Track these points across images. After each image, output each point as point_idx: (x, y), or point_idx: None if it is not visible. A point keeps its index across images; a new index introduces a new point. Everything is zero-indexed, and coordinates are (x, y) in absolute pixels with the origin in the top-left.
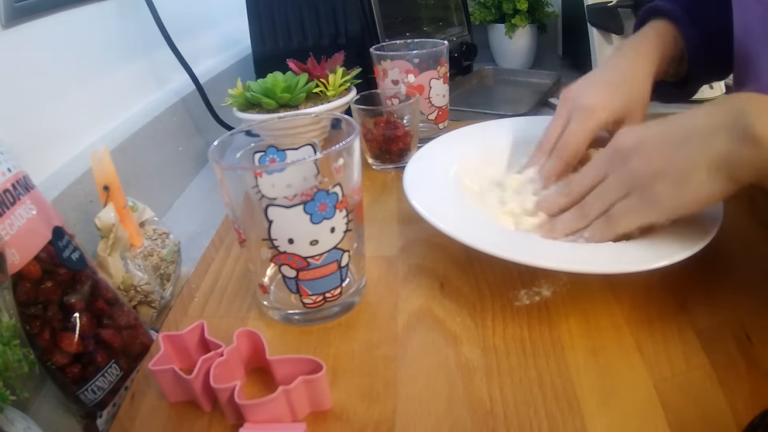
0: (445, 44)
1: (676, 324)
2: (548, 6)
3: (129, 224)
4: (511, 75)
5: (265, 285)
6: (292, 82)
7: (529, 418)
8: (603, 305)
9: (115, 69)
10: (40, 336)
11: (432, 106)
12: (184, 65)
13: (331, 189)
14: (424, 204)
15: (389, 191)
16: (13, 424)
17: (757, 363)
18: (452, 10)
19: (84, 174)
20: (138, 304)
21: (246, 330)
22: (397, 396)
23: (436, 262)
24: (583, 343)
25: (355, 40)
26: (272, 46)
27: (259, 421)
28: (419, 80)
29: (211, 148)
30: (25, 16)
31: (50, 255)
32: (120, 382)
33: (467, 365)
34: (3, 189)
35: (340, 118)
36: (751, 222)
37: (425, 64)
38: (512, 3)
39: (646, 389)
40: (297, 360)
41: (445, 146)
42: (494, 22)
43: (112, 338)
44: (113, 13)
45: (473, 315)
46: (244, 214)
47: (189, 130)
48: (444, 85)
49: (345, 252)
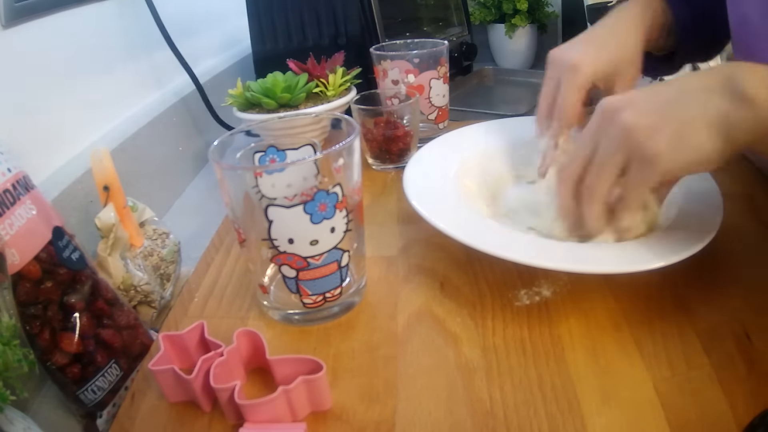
0: (445, 44)
1: (676, 324)
2: (548, 6)
3: (129, 224)
4: (511, 75)
5: (265, 285)
6: (292, 82)
7: (529, 418)
8: (603, 305)
9: (115, 69)
10: (40, 336)
11: (432, 106)
12: (184, 65)
13: (331, 189)
14: (424, 204)
15: (389, 191)
16: (13, 424)
17: (757, 363)
18: (452, 10)
19: (84, 174)
20: (138, 304)
21: (246, 330)
22: (397, 396)
23: (436, 262)
24: (583, 343)
25: (355, 40)
26: (272, 46)
27: (259, 421)
28: (419, 80)
29: (211, 148)
30: (25, 16)
31: (50, 255)
32: (120, 382)
33: (467, 365)
34: (3, 189)
35: (340, 118)
36: (751, 222)
37: (425, 64)
38: (512, 3)
39: (646, 389)
40: (297, 360)
41: (445, 146)
42: (494, 22)
43: (112, 338)
44: (113, 13)
45: (473, 315)
46: (244, 214)
47: (189, 130)
48: (444, 85)
49: (345, 252)
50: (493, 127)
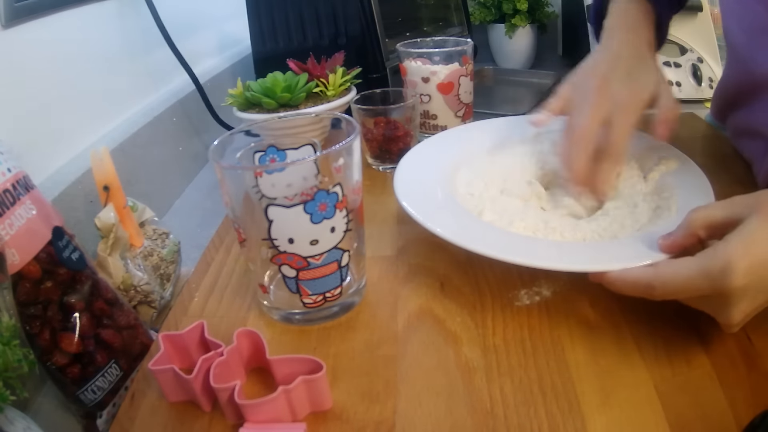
0: (469, 42)
1: (676, 324)
2: (548, 6)
3: (129, 224)
4: (511, 75)
5: (265, 285)
6: (292, 82)
7: (529, 418)
8: (603, 305)
9: (116, 69)
10: (40, 336)
11: (461, 103)
12: (184, 65)
13: (331, 189)
14: (417, 207)
15: (389, 191)
16: (13, 424)
17: (757, 363)
18: (452, 10)
19: (84, 174)
20: (138, 304)
21: (246, 330)
22: (397, 396)
23: (436, 262)
24: (583, 343)
25: (355, 40)
26: (272, 46)
27: (259, 421)
28: (449, 77)
29: (211, 147)
30: (25, 16)
31: (50, 255)
32: (120, 382)
33: (467, 365)
34: (3, 189)
35: (340, 118)
36: None
37: (453, 62)
38: (512, 3)
39: (646, 389)
40: (297, 360)
41: (436, 147)
42: (494, 22)
43: (112, 338)
44: (113, 13)
45: (473, 315)
46: (244, 213)
47: (189, 130)
48: (471, 83)
49: (345, 252)
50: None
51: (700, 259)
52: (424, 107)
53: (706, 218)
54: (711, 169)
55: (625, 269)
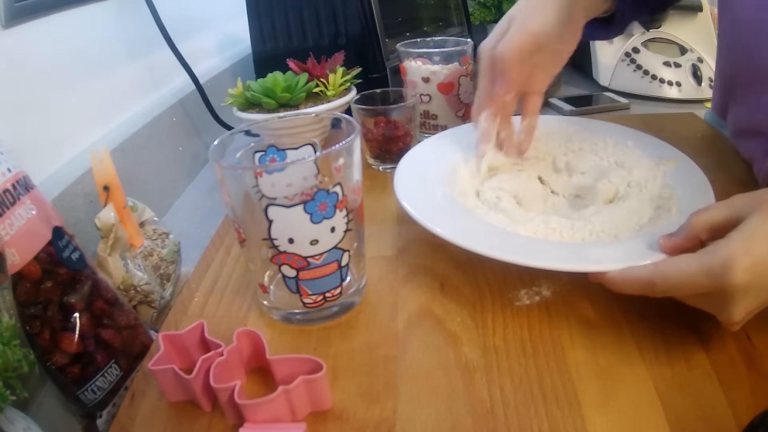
0: (469, 42)
1: (676, 324)
2: None
3: (129, 224)
4: None
5: (265, 285)
6: (292, 82)
7: (529, 418)
8: (603, 305)
9: (115, 69)
10: (40, 336)
11: (461, 103)
12: (184, 65)
13: (331, 189)
14: (417, 208)
15: (389, 191)
16: (13, 424)
17: (757, 363)
18: (452, 10)
19: (84, 174)
20: (138, 304)
21: (246, 330)
22: (397, 396)
23: (436, 262)
24: (583, 343)
25: (355, 40)
26: (272, 46)
27: (259, 421)
28: (450, 77)
29: (212, 147)
30: (25, 16)
31: (50, 255)
32: (120, 382)
33: (467, 365)
34: (3, 189)
35: (340, 118)
36: None
37: (453, 62)
38: (512, 3)
39: (646, 389)
40: (297, 360)
41: (436, 147)
42: (494, 22)
43: (112, 338)
44: (113, 13)
45: (473, 315)
46: (244, 213)
47: (189, 130)
48: (471, 83)
49: (345, 252)
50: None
51: (701, 256)
52: (424, 107)
53: (708, 221)
54: (711, 169)
55: (625, 268)
